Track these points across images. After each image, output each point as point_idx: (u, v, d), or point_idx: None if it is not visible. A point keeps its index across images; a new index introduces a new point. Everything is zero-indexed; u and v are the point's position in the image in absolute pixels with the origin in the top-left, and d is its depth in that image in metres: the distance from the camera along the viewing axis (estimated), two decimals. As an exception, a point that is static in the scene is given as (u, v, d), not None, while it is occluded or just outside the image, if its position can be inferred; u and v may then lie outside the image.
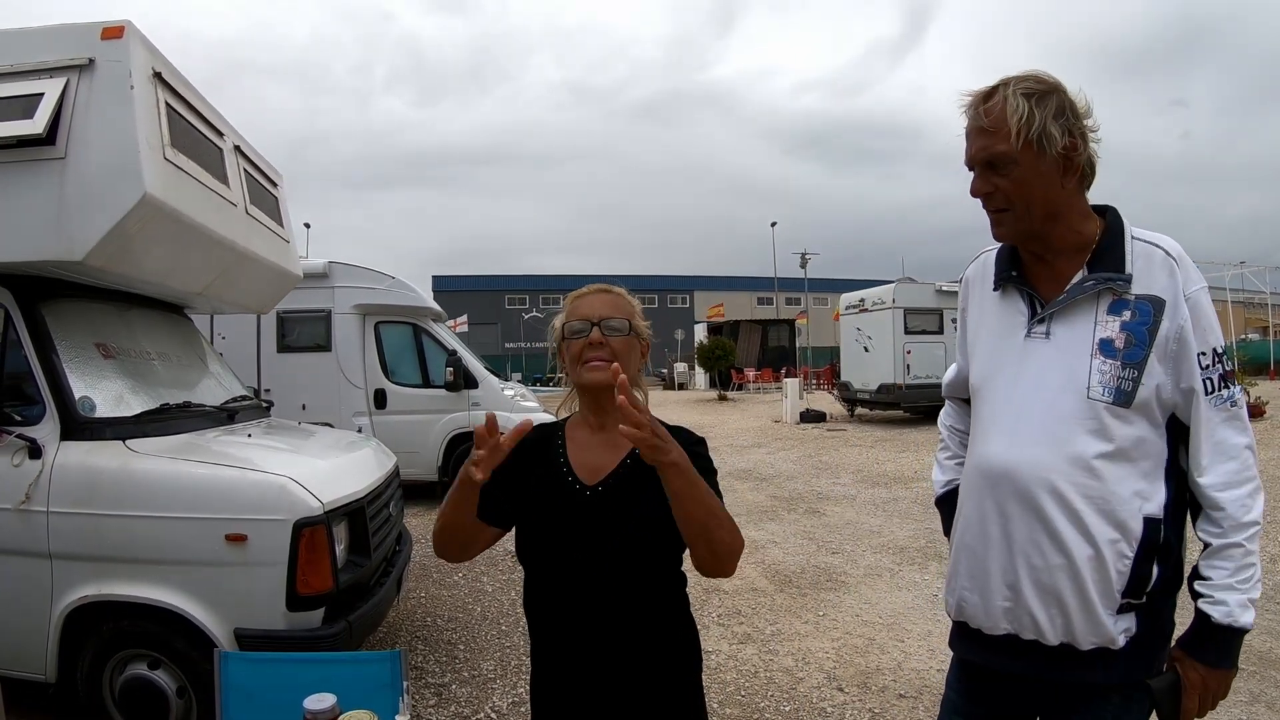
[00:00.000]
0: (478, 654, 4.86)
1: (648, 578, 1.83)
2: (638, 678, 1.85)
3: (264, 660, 2.49)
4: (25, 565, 3.38)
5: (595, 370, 1.81)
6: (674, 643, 1.91)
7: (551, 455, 1.93)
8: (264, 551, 3.30)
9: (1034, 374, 1.76)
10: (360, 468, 4.19)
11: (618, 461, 1.86)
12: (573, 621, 1.84)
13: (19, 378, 3.49)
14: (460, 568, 6.68)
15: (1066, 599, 1.68)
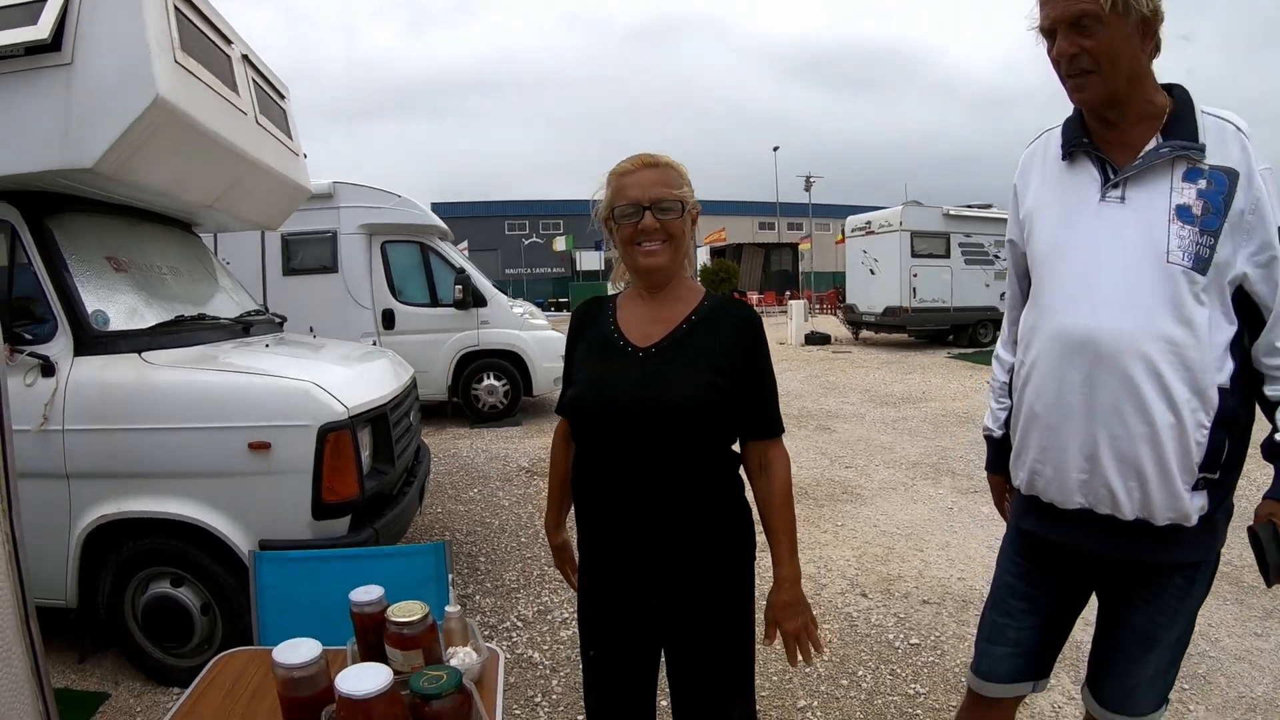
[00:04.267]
0: (499, 566, 4.89)
1: (700, 446, 1.79)
2: (689, 556, 1.82)
3: (300, 558, 2.47)
4: (41, 488, 3.28)
5: (651, 256, 1.81)
6: (727, 523, 1.89)
7: (603, 323, 1.92)
8: (288, 459, 3.25)
9: (1110, 238, 1.70)
10: (381, 376, 4.13)
11: (670, 330, 1.84)
12: (623, 494, 1.81)
13: (28, 298, 3.39)
14: (474, 483, 6.71)
15: (1146, 470, 1.65)
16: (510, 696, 3.35)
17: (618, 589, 1.92)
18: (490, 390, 9.44)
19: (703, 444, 1.81)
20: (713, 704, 1.93)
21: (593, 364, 1.89)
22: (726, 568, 1.89)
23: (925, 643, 3.68)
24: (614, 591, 1.93)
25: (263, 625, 2.32)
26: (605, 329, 1.91)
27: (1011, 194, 2.01)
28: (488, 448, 8.17)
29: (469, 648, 1.88)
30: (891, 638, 3.75)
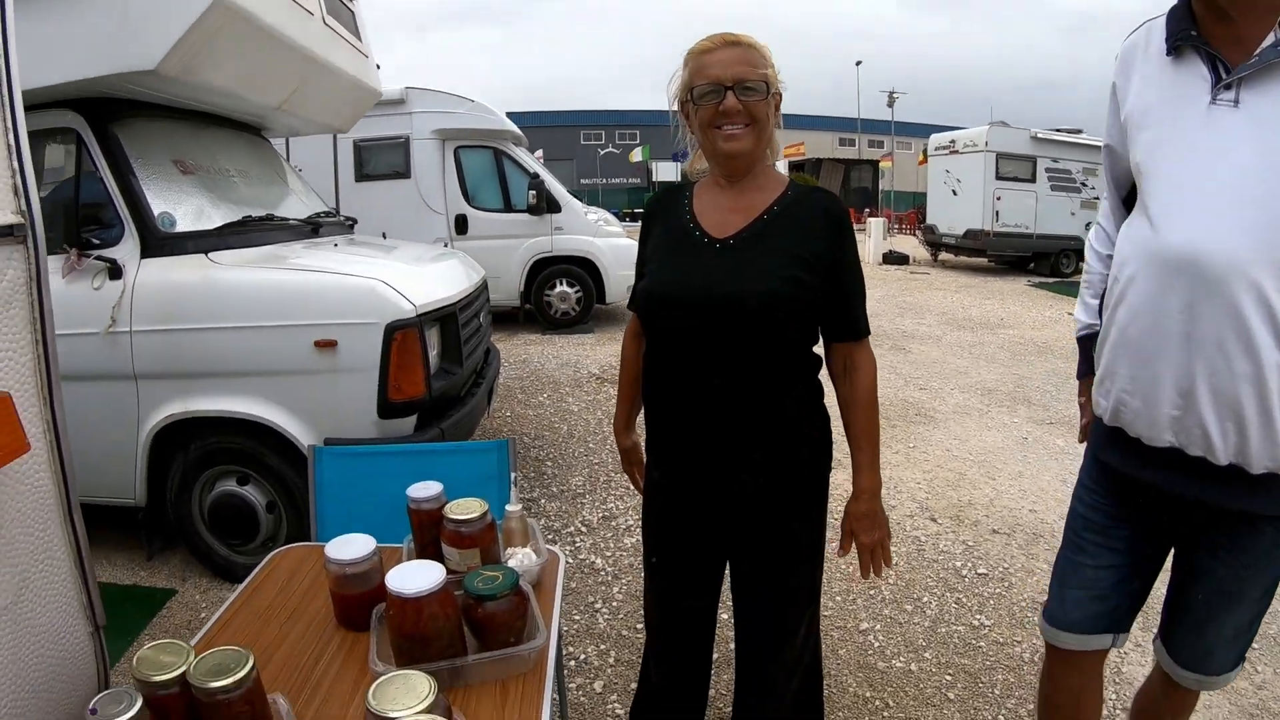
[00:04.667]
0: (566, 470, 4.87)
1: (779, 344, 1.67)
2: (766, 453, 1.72)
3: (359, 454, 2.42)
4: (110, 389, 3.34)
5: (733, 140, 1.66)
6: (808, 422, 1.78)
7: (678, 212, 1.79)
8: (354, 357, 3.22)
9: (1220, 146, 1.46)
10: (450, 275, 4.06)
11: (750, 220, 1.70)
12: (695, 394, 1.71)
13: (96, 204, 3.38)
14: (544, 388, 6.70)
15: (1246, 412, 1.44)
16: (570, 601, 3.34)
17: (686, 493, 1.83)
18: (563, 297, 9.39)
19: (782, 342, 1.68)
20: (779, 616, 1.86)
21: (666, 255, 1.77)
22: (804, 469, 1.79)
23: (993, 573, 3.55)
24: (682, 495, 1.85)
25: (321, 521, 2.30)
26: (680, 218, 1.78)
27: (1110, 94, 1.77)
28: (559, 354, 8.16)
29: (528, 549, 1.81)
30: (959, 565, 3.63)
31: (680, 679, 2.15)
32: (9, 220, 1.27)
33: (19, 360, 1.29)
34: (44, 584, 1.34)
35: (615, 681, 2.81)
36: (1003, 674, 2.81)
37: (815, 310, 1.69)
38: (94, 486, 3.55)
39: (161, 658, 1.24)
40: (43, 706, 1.34)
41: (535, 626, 1.49)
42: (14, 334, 1.28)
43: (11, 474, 1.27)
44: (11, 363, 1.28)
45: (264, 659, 1.57)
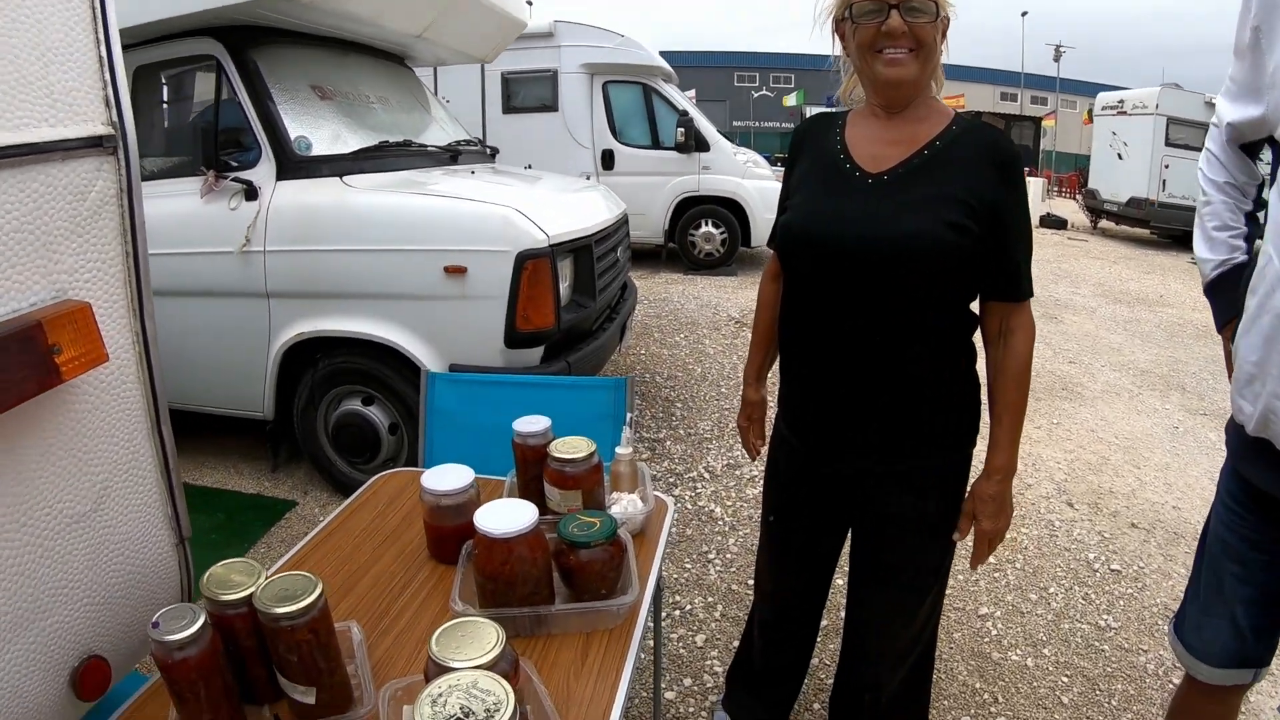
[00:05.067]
0: (695, 414, 4.75)
1: (930, 296, 1.46)
2: (901, 423, 1.54)
3: (472, 381, 2.36)
4: (243, 306, 3.44)
5: (896, 66, 1.44)
6: (950, 395, 1.57)
7: (828, 141, 1.58)
8: (483, 284, 3.17)
9: None
10: (589, 207, 3.96)
11: (908, 154, 1.47)
12: (831, 342, 1.53)
13: (235, 128, 3.44)
14: (682, 329, 6.58)
15: None
16: (683, 549, 3.24)
17: (814, 452, 1.67)
18: (707, 237, 9.19)
19: (932, 296, 1.47)
20: (898, 597, 1.71)
21: (811, 188, 1.57)
22: (946, 440, 1.59)
23: (1127, 571, 3.22)
24: (809, 454, 1.69)
25: (429, 448, 2.26)
26: (829, 149, 1.57)
27: (1247, 38, 1.41)
28: (699, 295, 8.01)
29: (635, 495, 1.68)
30: (1091, 558, 3.31)
31: (783, 646, 2.02)
32: (99, 131, 1.24)
33: (107, 272, 1.26)
34: (127, 494, 1.32)
35: (718, 637, 2.70)
36: (1123, 684, 2.54)
37: (974, 261, 1.46)
38: (226, 399, 3.72)
39: (232, 576, 1.18)
40: (122, 614, 1.33)
41: (629, 580, 1.37)
42: (103, 245, 1.26)
43: (96, 384, 1.24)
44: (100, 274, 1.25)
45: (350, 583, 1.54)
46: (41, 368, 1.09)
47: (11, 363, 1.04)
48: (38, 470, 1.16)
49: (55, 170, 1.17)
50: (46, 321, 1.09)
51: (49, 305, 1.14)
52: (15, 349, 1.05)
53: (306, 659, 1.11)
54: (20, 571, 1.15)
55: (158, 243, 3.41)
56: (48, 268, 1.15)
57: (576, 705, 1.18)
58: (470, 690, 0.88)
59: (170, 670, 1.08)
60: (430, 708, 0.86)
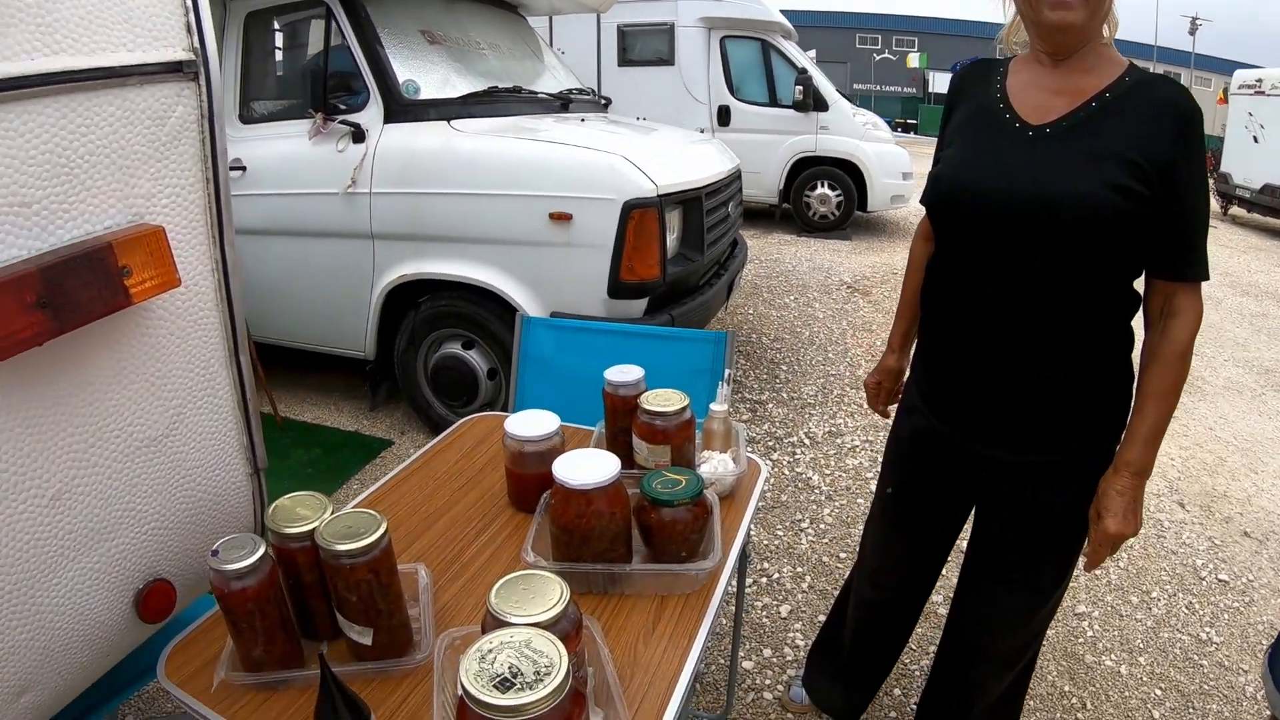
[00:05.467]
0: (800, 378, 4.60)
1: (1088, 264, 1.28)
2: (1040, 409, 1.39)
3: (568, 327, 2.28)
4: (348, 247, 3.46)
5: (1062, 9, 1.27)
6: (1098, 384, 1.40)
7: (988, 89, 1.42)
8: (589, 232, 3.10)
9: None
10: (701, 159, 3.82)
11: (1074, 106, 1.30)
12: (977, 311, 1.39)
13: (345, 73, 3.44)
14: (792, 290, 6.40)
15: None
16: (776, 515, 3.12)
17: (943, 428, 1.54)
18: (822, 199, 8.90)
19: (1090, 265, 1.29)
20: (1011, 600, 1.57)
21: (966, 139, 1.41)
22: (1087, 434, 1.43)
23: (1235, 583, 2.92)
24: (938, 430, 1.56)
25: (520, 393, 2.21)
26: (989, 97, 1.41)
27: None
28: (812, 257, 7.78)
29: (727, 455, 1.58)
30: (1199, 564, 3.02)
31: (880, 628, 1.91)
32: (179, 56, 1.21)
33: (186, 198, 1.23)
34: (201, 421, 1.30)
35: (803, 610, 2.58)
36: (1218, 704, 2.31)
37: (1140, 231, 1.28)
38: (329, 337, 3.78)
39: (298, 510, 1.15)
40: (191, 540, 1.32)
41: (712, 545, 1.28)
42: (182, 170, 1.23)
43: (172, 309, 1.22)
44: (178, 199, 1.22)
45: (425, 524, 1.50)
46: (110, 289, 1.06)
47: (80, 283, 1.02)
48: (111, 392, 1.15)
49: (133, 95, 1.14)
50: (117, 243, 1.07)
51: (122, 228, 1.11)
52: (84, 269, 1.03)
53: (365, 599, 1.07)
54: (89, 491, 1.14)
55: (267, 183, 3.57)
56: (124, 192, 1.13)
57: (642, 671, 1.11)
58: (522, 649, 0.80)
59: (226, 599, 1.06)
60: (477, 663, 0.79)
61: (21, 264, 0.98)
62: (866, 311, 5.84)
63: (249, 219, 3.61)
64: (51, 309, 0.99)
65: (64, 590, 1.13)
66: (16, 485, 1.05)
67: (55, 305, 0.99)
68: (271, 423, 3.88)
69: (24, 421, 1.04)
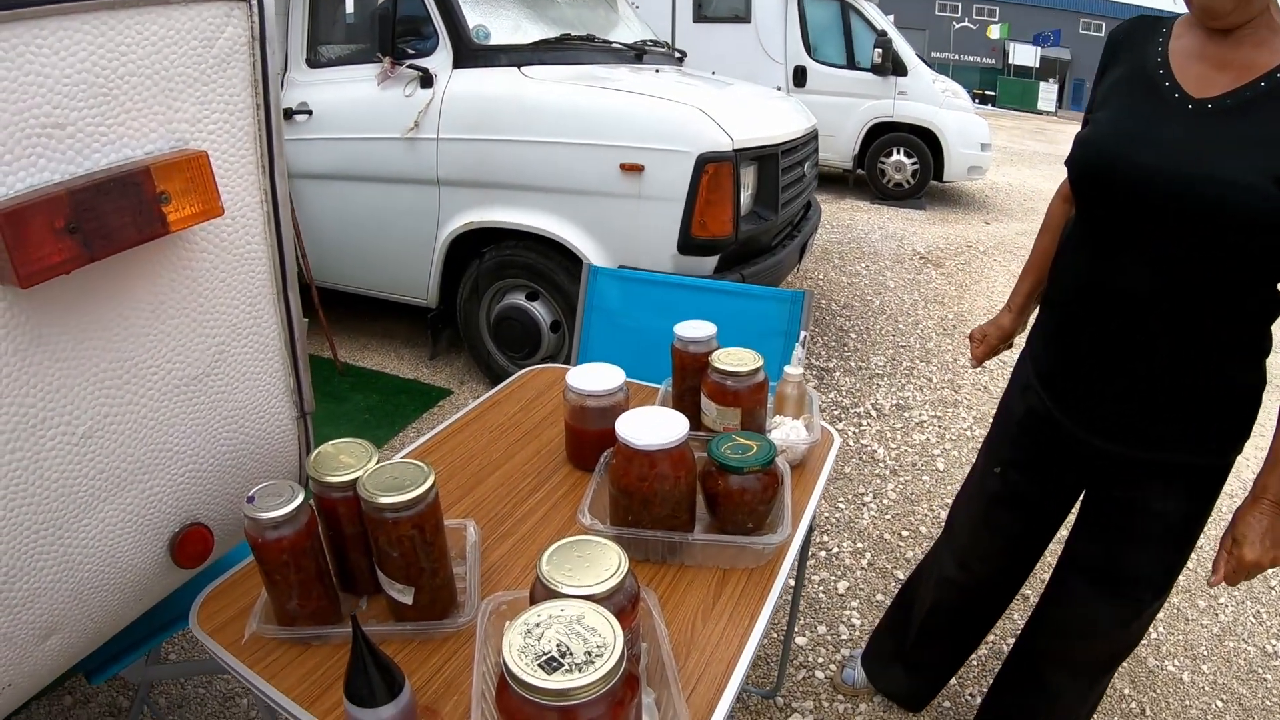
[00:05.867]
0: (869, 347, 4.45)
1: (1234, 260, 1.14)
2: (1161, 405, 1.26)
3: (637, 279, 2.19)
4: (413, 192, 3.42)
5: None
6: (1226, 384, 1.26)
7: (1148, 53, 1.26)
8: (660, 185, 2.99)
9: None
10: (778, 116, 3.67)
11: (1244, 82, 1.13)
12: (1110, 294, 1.25)
13: (415, 17, 3.38)
14: (863, 258, 6.21)
15: None
16: (839, 487, 3.01)
17: (1061, 411, 1.41)
18: (898, 166, 8.61)
19: (1241, 262, 1.14)
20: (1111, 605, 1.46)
21: (1118, 104, 1.26)
22: (1209, 440, 1.29)
23: None
24: (1053, 413, 1.43)
25: (585, 345, 2.13)
26: (1148, 60, 1.25)
27: None
28: (885, 225, 7.55)
29: (800, 422, 1.48)
30: (1270, 572, 2.81)
31: (960, 614, 1.80)
32: None
33: (235, 124, 1.15)
34: (246, 361, 1.24)
35: (861, 587, 2.48)
36: None
37: None
38: (392, 283, 3.75)
39: (342, 457, 1.07)
40: (231, 484, 1.27)
41: (781, 516, 1.18)
42: (230, 95, 1.15)
43: (216, 241, 1.15)
44: (225, 125, 1.14)
45: (478, 478, 1.43)
46: (146, 216, 0.99)
47: (113, 209, 0.96)
48: (148, 327, 1.09)
49: (178, 14, 1.06)
50: (155, 168, 1.00)
51: (163, 154, 1.04)
52: (117, 194, 0.96)
53: (408, 555, 0.99)
54: (122, 430, 1.09)
55: (334, 128, 3.54)
56: (167, 116, 1.06)
57: (699, 649, 1.02)
58: (574, 625, 0.72)
59: (261, 549, 1.00)
60: (523, 638, 0.70)
61: (51, 187, 0.92)
62: (939, 283, 5.63)
63: (315, 163, 3.60)
64: (82, 235, 0.92)
65: (95, 532, 1.08)
66: (45, 421, 0.99)
67: (86, 231, 0.92)
68: (330, 367, 3.90)
69: (53, 355, 0.98)
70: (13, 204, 0.86)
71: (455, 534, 1.20)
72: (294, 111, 3.57)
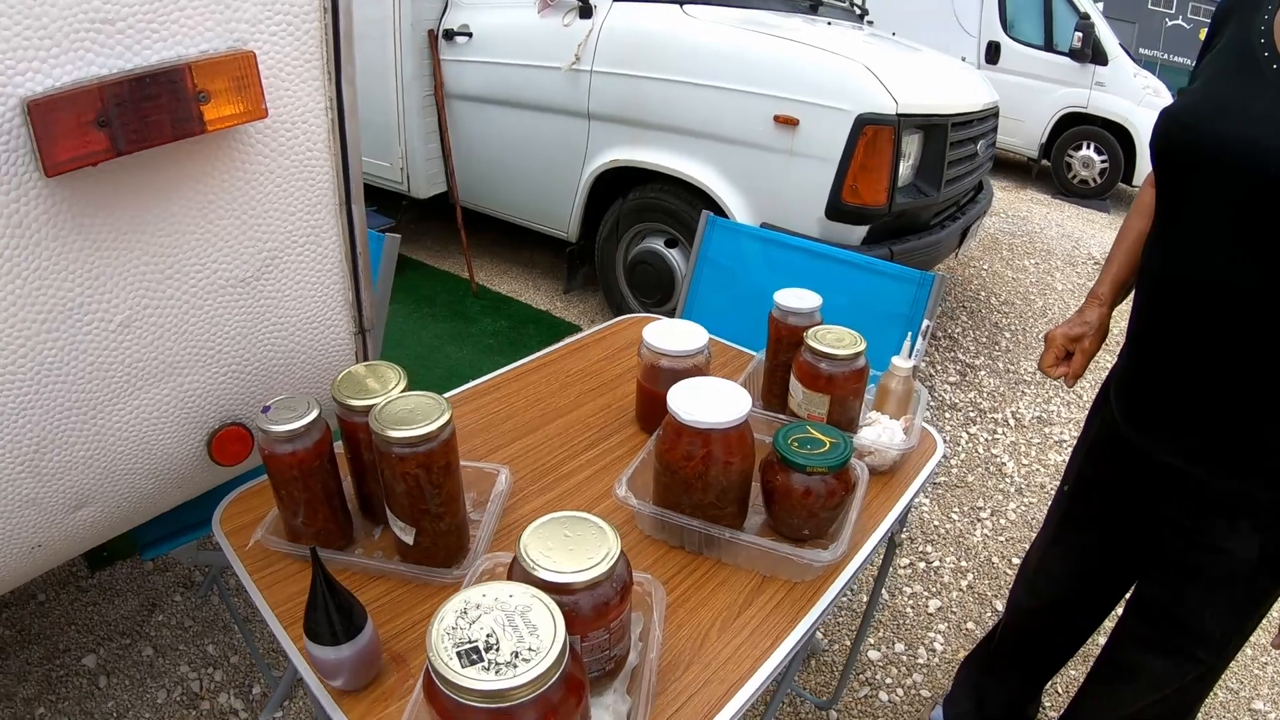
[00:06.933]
0: (1021, 350, 4.13)
1: None
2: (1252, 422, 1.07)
3: (757, 236, 2.05)
4: (564, 124, 3.39)
5: None
6: None
7: (1252, 22, 1.08)
8: (814, 142, 2.80)
9: None
10: (954, 86, 3.39)
11: None
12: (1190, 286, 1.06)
13: None
14: (1034, 254, 5.80)
15: None
16: (957, 496, 2.78)
17: (1130, 424, 1.22)
18: (1086, 162, 7.95)
19: None
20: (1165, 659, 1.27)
21: (1212, 74, 1.08)
22: None
23: None
24: (1125, 425, 1.24)
25: (691, 299, 2.02)
26: (1252, 29, 1.06)
27: None
28: (1063, 223, 7.02)
29: (899, 423, 1.31)
30: None
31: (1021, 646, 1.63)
32: None
33: (299, 27, 1.08)
34: (300, 269, 1.19)
35: (954, 610, 2.27)
36: None
37: None
38: (535, 213, 3.75)
39: (369, 381, 1.01)
40: (277, 389, 1.24)
41: (842, 529, 1.03)
42: None
43: (272, 146, 1.09)
44: (289, 28, 1.06)
45: (537, 423, 1.36)
46: (181, 115, 0.95)
47: (149, 106, 0.91)
48: (195, 226, 1.05)
49: None
50: (195, 66, 0.94)
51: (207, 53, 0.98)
52: (153, 91, 0.91)
53: (412, 494, 0.92)
54: (162, 323, 1.06)
55: (491, 52, 3.54)
56: (225, 16, 0.99)
57: (703, 664, 0.89)
58: (513, 617, 0.62)
59: (269, 461, 0.96)
60: (454, 618, 0.62)
61: (86, 81, 0.88)
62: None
63: (470, 86, 3.62)
64: (112, 130, 0.88)
65: (129, 417, 1.07)
66: (82, 306, 0.97)
67: (117, 126, 0.89)
68: (465, 287, 3.94)
69: (93, 244, 0.96)
70: (45, 96, 0.84)
71: (485, 478, 1.13)
72: (454, 33, 3.59)
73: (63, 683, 1.82)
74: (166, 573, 2.14)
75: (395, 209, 4.23)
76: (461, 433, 1.24)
